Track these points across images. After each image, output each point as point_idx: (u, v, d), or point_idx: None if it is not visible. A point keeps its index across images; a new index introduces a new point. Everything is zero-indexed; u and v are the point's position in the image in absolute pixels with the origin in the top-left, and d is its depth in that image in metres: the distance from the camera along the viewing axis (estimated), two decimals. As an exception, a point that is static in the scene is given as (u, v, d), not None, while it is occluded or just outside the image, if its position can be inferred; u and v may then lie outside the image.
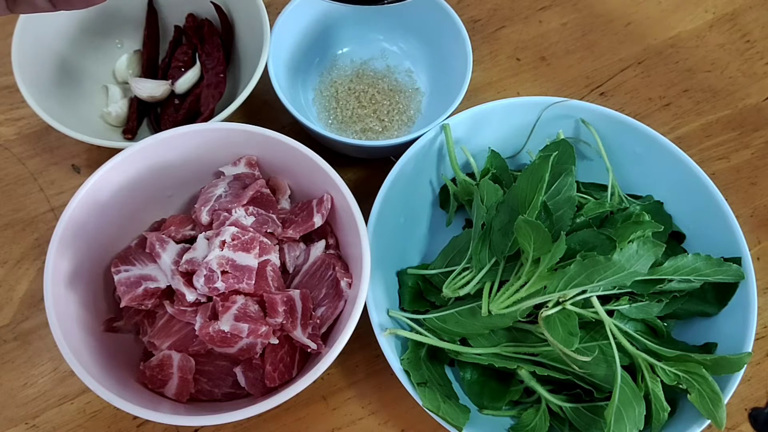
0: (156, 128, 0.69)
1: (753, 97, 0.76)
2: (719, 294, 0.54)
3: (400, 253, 0.60)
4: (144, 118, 0.70)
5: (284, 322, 0.50)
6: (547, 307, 0.49)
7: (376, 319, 0.53)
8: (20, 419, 0.58)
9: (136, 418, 0.57)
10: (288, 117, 0.63)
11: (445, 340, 0.53)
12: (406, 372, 0.52)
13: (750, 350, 0.51)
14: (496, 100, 0.61)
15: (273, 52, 0.63)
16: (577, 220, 0.52)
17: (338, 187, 0.53)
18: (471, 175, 0.61)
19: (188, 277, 0.51)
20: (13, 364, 0.60)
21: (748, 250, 0.55)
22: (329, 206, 0.55)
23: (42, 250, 0.64)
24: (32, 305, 0.62)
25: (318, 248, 0.56)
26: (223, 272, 0.49)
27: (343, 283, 0.53)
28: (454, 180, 0.61)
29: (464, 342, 0.54)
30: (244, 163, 0.57)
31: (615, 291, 0.51)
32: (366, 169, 0.69)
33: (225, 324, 0.48)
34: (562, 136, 0.59)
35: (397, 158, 0.58)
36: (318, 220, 0.55)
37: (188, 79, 0.68)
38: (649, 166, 0.60)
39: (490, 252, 0.52)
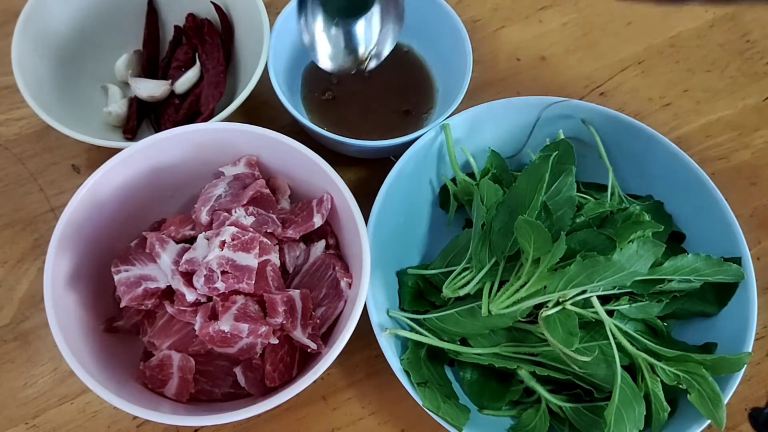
0: (156, 128, 0.69)
1: (753, 97, 0.75)
2: (719, 294, 0.54)
3: (400, 253, 0.60)
4: (144, 118, 0.70)
5: (284, 322, 0.50)
6: (547, 307, 0.49)
7: (376, 319, 0.53)
8: (20, 419, 0.58)
9: (136, 418, 0.57)
10: (288, 117, 0.62)
11: (445, 340, 0.53)
12: (406, 372, 0.52)
13: (750, 350, 0.51)
14: (496, 100, 0.61)
15: (273, 52, 0.63)
16: (577, 220, 0.52)
17: (338, 187, 0.53)
18: (471, 175, 0.61)
19: (188, 277, 0.51)
20: (13, 364, 0.60)
21: (748, 250, 0.55)
22: (329, 206, 0.55)
23: (42, 250, 0.64)
24: (32, 305, 0.62)
25: (318, 248, 0.56)
26: (223, 272, 0.49)
27: (343, 283, 0.53)
28: (454, 180, 0.61)
29: (464, 342, 0.54)
30: (244, 163, 0.57)
31: (615, 291, 0.51)
32: (366, 169, 0.69)
33: (225, 324, 0.48)
34: (562, 136, 0.59)
35: (397, 158, 0.58)
36: (318, 220, 0.55)
37: (188, 79, 0.68)
38: (649, 166, 0.60)
39: (490, 252, 0.52)
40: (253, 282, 0.50)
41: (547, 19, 0.80)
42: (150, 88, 0.67)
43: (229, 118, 0.60)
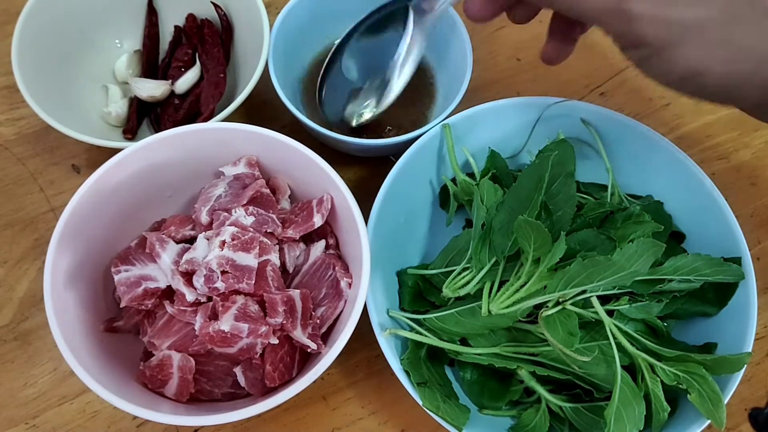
0: (156, 128, 0.69)
1: (753, 97, 0.75)
2: (719, 294, 0.54)
3: (400, 253, 0.60)
4: (144, 118, 0.70)
5: (284, 322, 0.50)
6: (547, 307, 0.49)
7: (376, 319, 0.53)
8: (20, 419, 0.58)
9: (136, 418, 0.57)
10: (288, 116, 0.63)
11: (445, 340, 0.53)
12: (406, 372, 0.52)
13: (750, 350, 0.51)
14: (496, 100, 0.61)
15: (273, 52, 0.63)
16: (577, 220, 0.52)
17: (338, 187, 0.53)
18: (471, 175, 0.60)
19: (188, 277, 0.51)
20: (13, 364, 0.60)
21: (748, 250, 0.55)
22: (329, 206, 0.55)
23: (42, 250, 0.64)
24: (32, 305, 0.62)
25: (318, 248, 0.56)
26: (223, 272, 0.49)
27: (343, 283, 0.53)
28: (454, 180, 0.61)
29: (464, 342, 0.53)
30: (244, 163, 0.57)
31: (615, 291, 0.51)
32: (366, 169, 0.69)
33: (225, 324, 0.48)
34: (562, 136, 0.59)
35: (397, 158, 0.58)
36: (318, 220, 0.55)
37: (188, 79, 0.68)
38: (649, 166, 0.60)
39: (490, 252, 0.52)
40: (253, 282, 0.50)
41: (547, 19, 0.79)
42: (150, 88, 0.67)
43: (229, 118, 0.60)
